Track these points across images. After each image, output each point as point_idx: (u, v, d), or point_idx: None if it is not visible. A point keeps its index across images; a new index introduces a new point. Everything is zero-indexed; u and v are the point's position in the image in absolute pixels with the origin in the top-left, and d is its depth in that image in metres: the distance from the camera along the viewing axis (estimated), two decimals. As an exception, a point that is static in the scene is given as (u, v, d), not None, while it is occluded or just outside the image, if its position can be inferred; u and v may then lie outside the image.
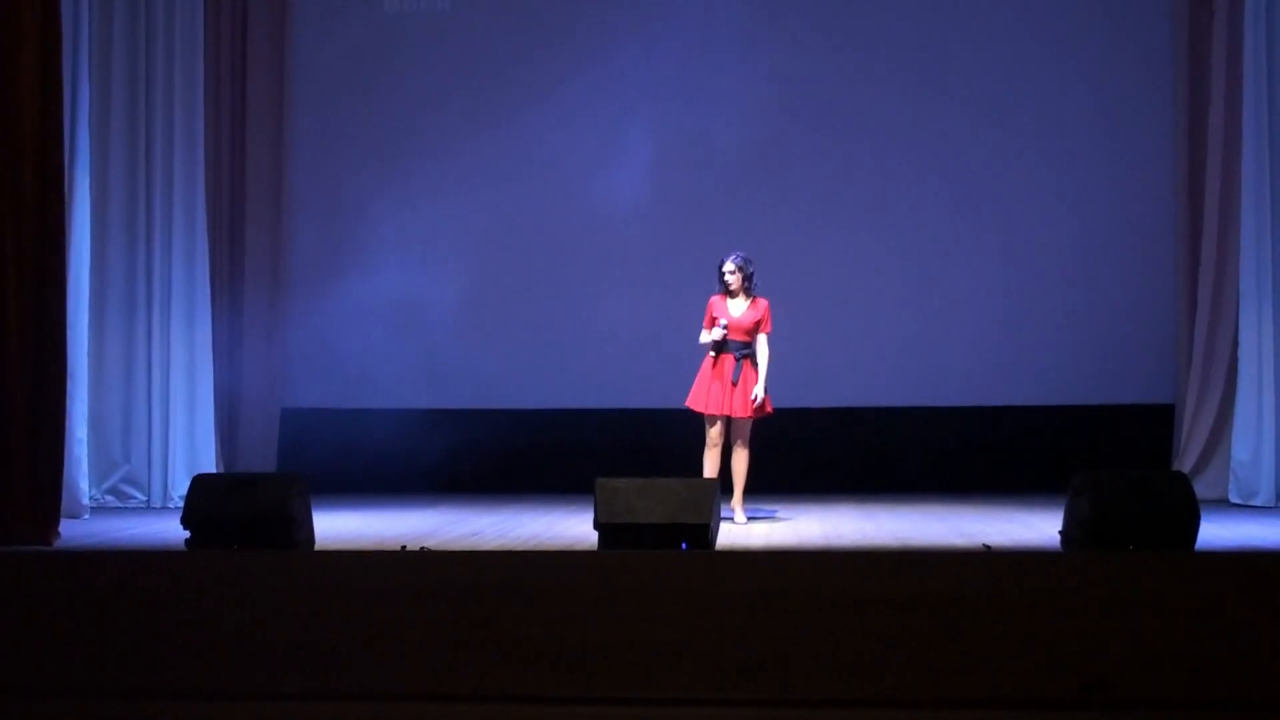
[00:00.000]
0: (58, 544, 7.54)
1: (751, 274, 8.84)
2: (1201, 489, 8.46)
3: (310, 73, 11.26)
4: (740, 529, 8.51)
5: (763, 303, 8.82)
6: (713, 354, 8.77)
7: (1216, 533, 7.74)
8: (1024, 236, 10.76)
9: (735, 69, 10.81)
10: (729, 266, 8.82)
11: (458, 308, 10.96)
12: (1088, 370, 10.60)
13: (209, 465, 10.15)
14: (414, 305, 10.83)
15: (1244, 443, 9.65)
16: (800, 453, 10.66)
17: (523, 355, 11.03)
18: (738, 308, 8.79)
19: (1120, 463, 9.90)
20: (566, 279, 11.05)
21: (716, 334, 8.69)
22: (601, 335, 10.98)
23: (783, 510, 9.38)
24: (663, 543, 6.98)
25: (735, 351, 8.77)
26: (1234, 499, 9.62)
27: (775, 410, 8.84)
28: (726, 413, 8.73)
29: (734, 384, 8.70)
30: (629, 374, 10.87)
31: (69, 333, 8.18)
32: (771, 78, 10.84)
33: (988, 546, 7.21)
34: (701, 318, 8.86)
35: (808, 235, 10.89)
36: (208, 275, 10.45)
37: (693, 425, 8.92)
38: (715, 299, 8.82)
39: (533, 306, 11.06)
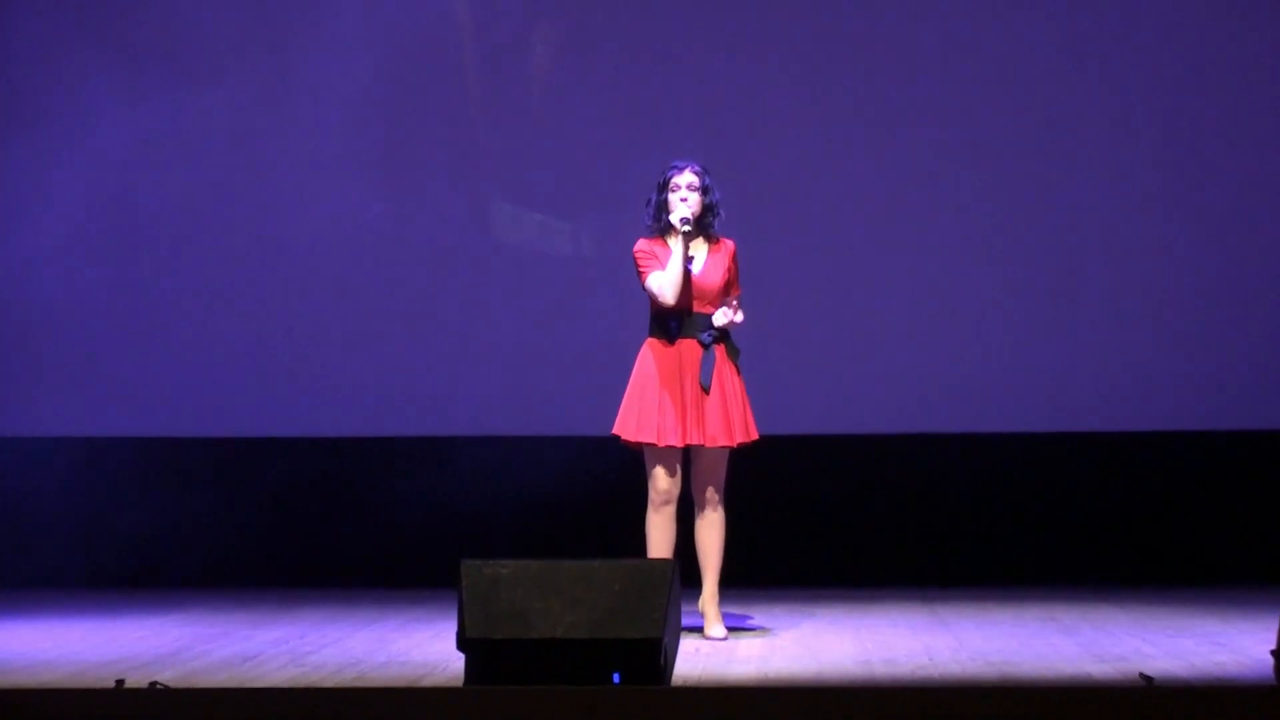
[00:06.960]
0: None
1: (716, 199, 8.28)
2: None
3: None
4: (716, 648, 8.01)
5: (730, 246, 8.24)
6: (663, 341, 8.14)
7: None
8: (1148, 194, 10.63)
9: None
10: (688, 179, 8.17)
11: (205, 282, 10.61)
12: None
13: None
14: (131, 278, 10.61)
15: None
16: (817, 514, 10.52)
17: (333, 364, 10.63)
18: (695, 254, 8.18)
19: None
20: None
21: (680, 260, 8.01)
22: (468, 326, 10.67)
23: (786, 614, 9.03)
24: (579, 673, 6.60)
25: (700, 334, 8.08)
26: None
27: (765, 438, 8.33)
28: (692, 442, 8.10)
29: (705, 390, 8.03)
30: (513, 384, 10.62)
31: None
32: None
33: (1148, 677, 6.92)
34: (635, 277, 8.23)
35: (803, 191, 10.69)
36: None
37: (629, 465, 8.47)
38: (650, 244, 8.18)
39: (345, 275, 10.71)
